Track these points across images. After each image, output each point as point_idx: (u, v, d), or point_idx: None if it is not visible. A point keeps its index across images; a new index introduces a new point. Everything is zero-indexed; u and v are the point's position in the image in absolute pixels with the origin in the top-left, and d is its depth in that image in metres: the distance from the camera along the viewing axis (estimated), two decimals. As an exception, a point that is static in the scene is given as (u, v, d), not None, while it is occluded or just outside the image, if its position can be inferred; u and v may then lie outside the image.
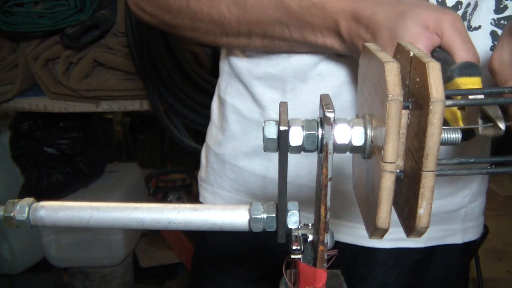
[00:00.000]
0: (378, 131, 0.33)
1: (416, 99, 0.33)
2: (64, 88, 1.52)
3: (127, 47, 1.50)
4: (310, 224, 0.41)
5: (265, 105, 0.71)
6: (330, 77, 0.66)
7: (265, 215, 0.39)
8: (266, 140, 0.35)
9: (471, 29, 0.65)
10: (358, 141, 0.35)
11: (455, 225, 0.78)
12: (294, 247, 0.39)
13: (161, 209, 0.40)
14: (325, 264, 0.38)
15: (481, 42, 0.65)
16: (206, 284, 0.84)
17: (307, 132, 0.35)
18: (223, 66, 0.78)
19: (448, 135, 0.35)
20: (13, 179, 1.78)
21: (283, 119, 0.35)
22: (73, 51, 1.49)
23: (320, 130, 0.35)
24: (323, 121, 0.34)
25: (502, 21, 0.65)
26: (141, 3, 0.70)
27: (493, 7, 0.65)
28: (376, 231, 0.34)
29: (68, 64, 1.51)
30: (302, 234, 0.40)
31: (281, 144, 0.35)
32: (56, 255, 1.81)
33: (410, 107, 0.35)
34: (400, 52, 0.38)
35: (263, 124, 0.35)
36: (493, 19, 0.65)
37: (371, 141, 0.35)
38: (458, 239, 0.80)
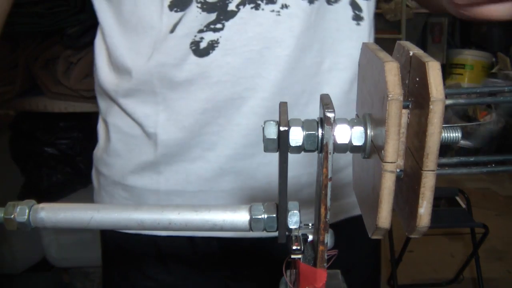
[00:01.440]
0: (378, 130, 0.33)
1: (416, 98, 0.33)
2: (64, 88, 1.52)
3: (127, 47, 1.50)
4: (310, 224, 0.41)
5: (141, 121, 0.68)
6: (200, 80, 0.63)
7: (265, 215, 0.39)
8: (266, 140, 0.35)
9: (331, 3, 0.64)
10: (358, 140, 0.35)
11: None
12: (294, 247, 0.39)
13: (162, 210, 0.40)
14: (325, 264, 0.38)
15: (342, 13, 0.65)
16: (117, 284, 0.82)
17: (307, 132, 0.35)
18: (96, 87, 0.75)
19: (448, 134, 0.35)
20: (13, 179, 1.78)
21: (283, 119, 0.35)
22: (73, 51, 1.49)
23: (320, 130, 0.35)
24: (323, 121, 0.34)
25: None
26: None
27: None
28: (377, 230, 0.34)
29: (68, 64, 1.51)
30: (302, 234, 0.40)
31: (281, 144, 0.35)
32: (56, 255, 1.81)
33: (410, 106, 0.35)
34: (399, 52, 0.38)
35: (263, 124, 0.35)
36: None
37: (371, 140, 0.35)
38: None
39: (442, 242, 2.34)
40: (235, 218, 0.39)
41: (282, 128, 0.34)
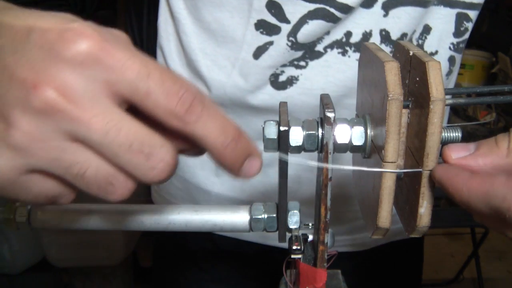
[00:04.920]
0: (378, 130, 0.33)
1: (416, 98, 0.33)
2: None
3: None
4: (310, 224, 0.41)
5: None
6: (272, 110, 0.62)
7: (265, 215, 0.39)
8: (266, 140, 0.35)
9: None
10: (358, 140, 0.35)
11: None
12: (294, 247, 0.39)
13: (162, 210, 0.40)
14: (325, 264, 0.38)
15: None
16: (170, 275, 0.82)
17: (307, 132, 0.35)
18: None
19: (448, 134, 0.35)
20: (13, 179, 1.78)
21: (283, 119, 0.35)
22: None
23: (320, 130, 0.35)
24: (323, 121, 0.34)
25: (461, 45, 0.63)
26: None
27: (453, 30, 0.61)
28: (377, 230, 0.34)
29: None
30: (302, 234, 0.40)
31: (281, 144, 0.35)
32: (56, 255, 1.81)
33: (410, 106, 0.35)
34: (399, 51, 0.38)
35: (263, 124, 0.35)
36: (452, 43, 0.62)
37: (371, 140, 0.35)
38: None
39: (442, 242, 2.34)
40: (235, 218, 0.39)
41: (282, 128, 0.34)
